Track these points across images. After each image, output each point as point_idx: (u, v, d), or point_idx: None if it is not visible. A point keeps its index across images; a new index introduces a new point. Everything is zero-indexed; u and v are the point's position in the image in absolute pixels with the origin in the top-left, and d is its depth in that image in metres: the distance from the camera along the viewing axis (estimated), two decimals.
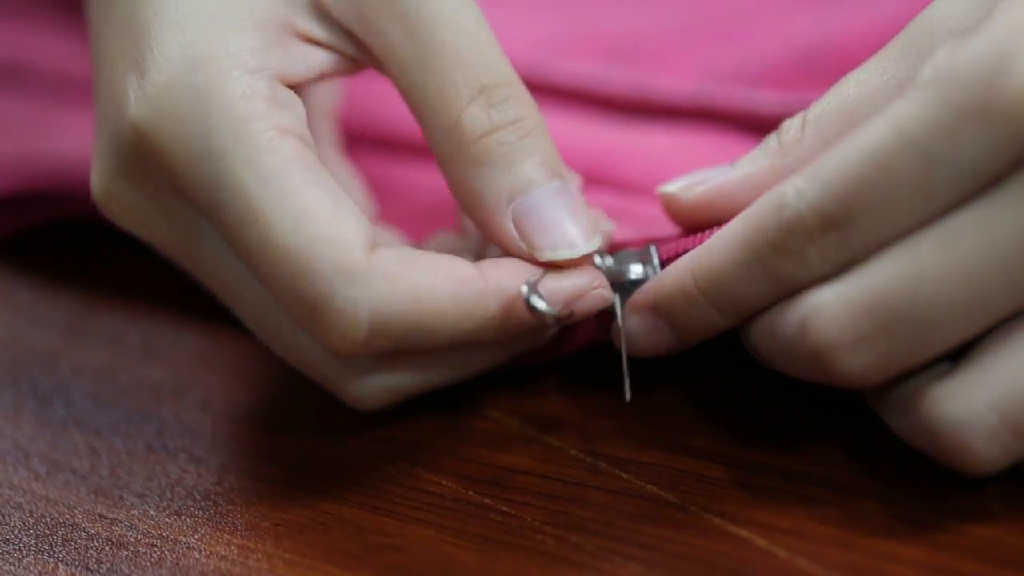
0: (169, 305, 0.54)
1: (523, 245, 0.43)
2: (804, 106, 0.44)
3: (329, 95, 0.55)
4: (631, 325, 0.44)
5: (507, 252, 0.44)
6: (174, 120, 0.42)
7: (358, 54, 0.44)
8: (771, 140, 0.43)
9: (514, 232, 0.43)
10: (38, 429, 0.48)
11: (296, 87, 0.44)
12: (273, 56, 0.43)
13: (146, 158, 0.43)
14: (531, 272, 0.43)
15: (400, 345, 0.42)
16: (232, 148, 0.41)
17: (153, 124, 0.42)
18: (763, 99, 0.53)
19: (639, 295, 0.44)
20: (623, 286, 0.44)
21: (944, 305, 0.39)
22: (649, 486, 0.44)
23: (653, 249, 0.45)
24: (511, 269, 0.43)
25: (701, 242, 0.43)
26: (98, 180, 0.45)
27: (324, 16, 0.44)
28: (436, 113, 0.43)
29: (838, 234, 0.39)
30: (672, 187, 0.45)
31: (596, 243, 0.43)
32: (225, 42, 0.42)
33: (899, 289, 0.39)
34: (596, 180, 0.53)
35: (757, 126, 0.53)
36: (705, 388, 0.45)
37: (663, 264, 0.44)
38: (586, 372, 0.48)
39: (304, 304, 0.41)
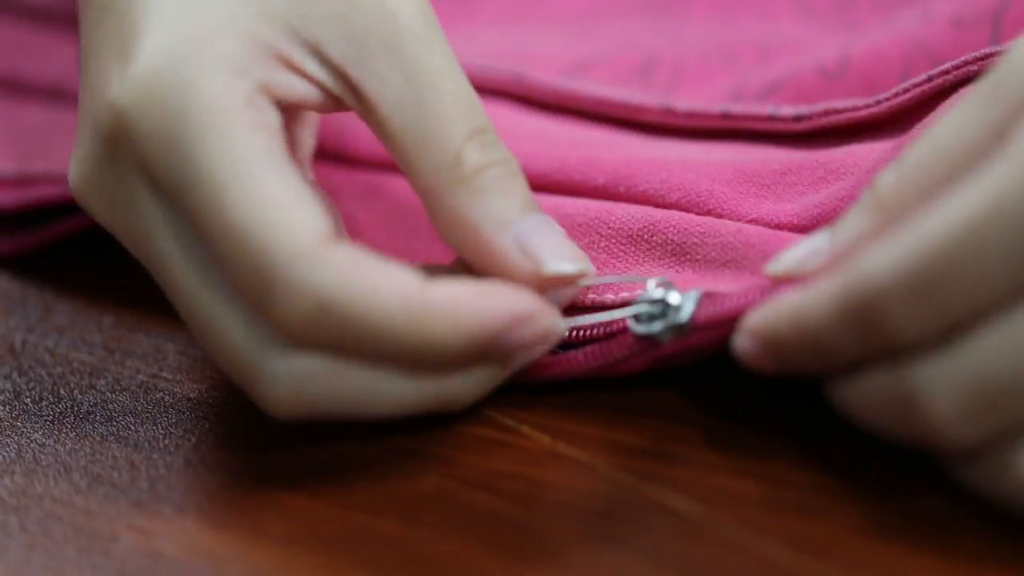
0: None
1: (527, 263, 0.45)
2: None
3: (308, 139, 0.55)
4: (744, 344, 0.44)
5: (508, 274, 0.46)
6: (153, 105, 0.44)
7: (344, 93, 0.46)
8: (868, 198, 0.42)
9: (517, 251, 0.45)
10: (78, 443, 0.49)
11: (276, 105, 0.46)
12: (258, 68, 0.45)
13: (121, 142, 0.44)
14: (519, 300, 0.45)
15: (347, 335, 0.43)
16: (206, 134, 0.43)
17: (132, 107, 0.44)
18: (780, 113, 0.53)
19: (752, 319, 0.43)
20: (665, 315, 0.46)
21: None
22: (679, 501, 0.44)
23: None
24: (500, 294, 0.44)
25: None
26: (75, 167, 0.47)
27: (315, 52, 0.46)
28: (436, 149, 0.45)
29: (929, 301, 0.39)
30: (783, 267, 0.44)
31: (589, 264, 0.46)
32: (213, 43, 0.45)
33: (1003, 364, 0.39)
34: (610, 197, 0.53)
35: (776, 138, 0.54)
36: (732, 405, 0.46)
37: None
38: (615, 389, 0.49)
39: (256, 282, 0.43)
